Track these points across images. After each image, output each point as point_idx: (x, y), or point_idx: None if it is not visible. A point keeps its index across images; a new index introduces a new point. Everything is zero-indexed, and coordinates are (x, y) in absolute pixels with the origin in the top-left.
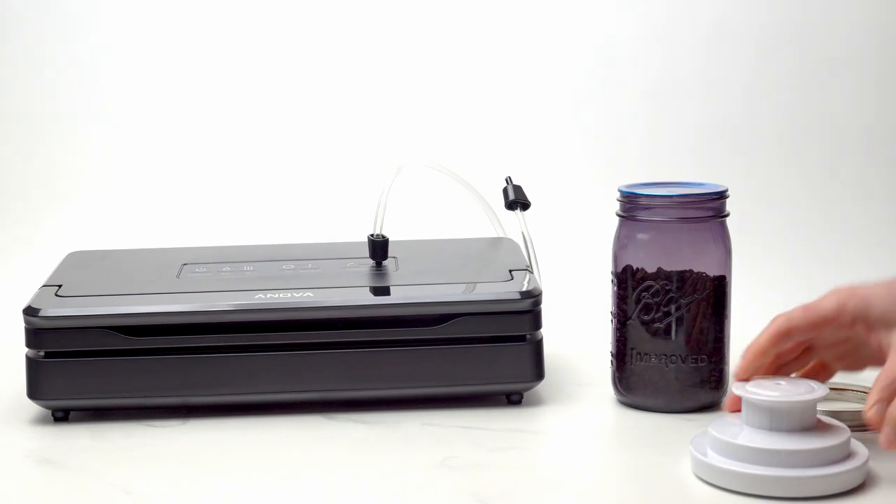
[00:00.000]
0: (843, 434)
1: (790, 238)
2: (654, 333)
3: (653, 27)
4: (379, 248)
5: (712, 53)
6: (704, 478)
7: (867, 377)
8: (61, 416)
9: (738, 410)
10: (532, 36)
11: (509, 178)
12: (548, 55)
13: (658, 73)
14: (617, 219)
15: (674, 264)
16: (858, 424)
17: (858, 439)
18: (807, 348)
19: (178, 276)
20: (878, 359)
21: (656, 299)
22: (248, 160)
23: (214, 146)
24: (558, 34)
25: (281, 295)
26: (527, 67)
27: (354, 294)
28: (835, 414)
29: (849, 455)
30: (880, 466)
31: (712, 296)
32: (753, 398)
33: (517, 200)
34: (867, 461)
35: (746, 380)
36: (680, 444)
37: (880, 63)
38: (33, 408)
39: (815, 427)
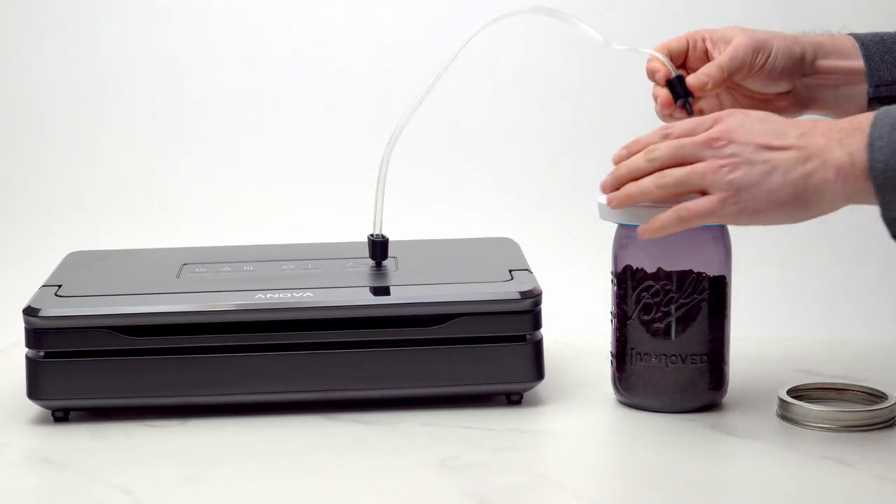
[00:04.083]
0: None
1: (790, 238)
2: (655, 333)
3: (655, 25)
4: (379, 248)
5: None
6: (608, 218)
7: (867, 376)
8: (61, 416)
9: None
10: (531, 34)
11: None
12: (547, 54)
13: None
14: None
15: (674, 264)
16: (858, 425)
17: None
18: None
19: (178, 276)
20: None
21: (656, 299)
22: (249, 161)
23: (215, 147)
24: (558, 32)
25: (281, 295)
26: (526, 67)
27: (354, 294)
28: (835, 414)
29: None
30: (879, 470)
31: (712, 296)
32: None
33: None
34: None
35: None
36: (680, 444)
37: None
38: (33, 408)
39: None
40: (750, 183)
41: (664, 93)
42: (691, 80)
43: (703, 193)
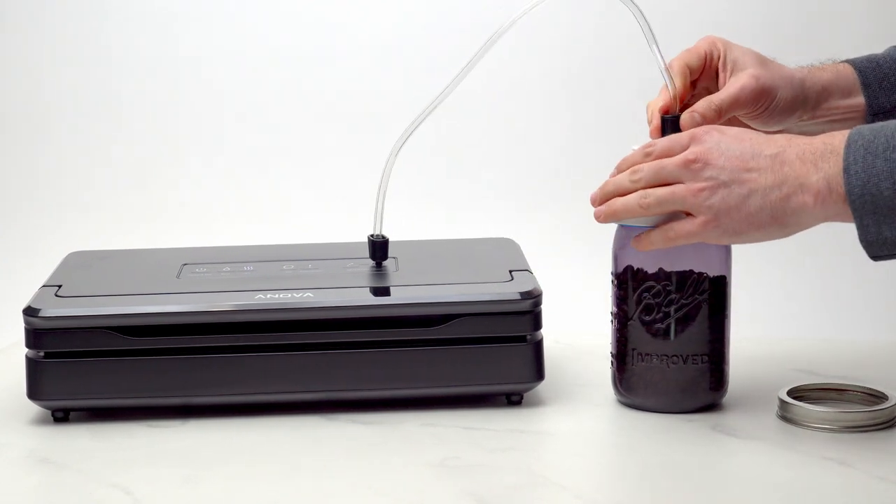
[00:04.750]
0: None
1: (790, 238)
2: (655, 334)
3: (654, 26)
4: (379, 248)
5: None
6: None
7: (867, 376)
8: (61, 416)
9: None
10: (532, 35)
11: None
12: (548, 55)
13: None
14: None
15: (674, 265)
16: (858, 425)
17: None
18: None
19: (178, 276)
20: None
21: (657, 300)
22: (249, 161)
23: (215, 147)
24: (559, 32)
25: (281, 295)
26: (527, 67)
27: (354, 294)
28: (835, 414)
29: None
30: (879, 470)
31: (713, 296)
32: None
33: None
34: None
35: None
36: (680, 444)
37: None
38: (33, 408)
39: None
40: (729, 207)
41: (658, 121)
42: (685, 119)
43: (688, 212)
